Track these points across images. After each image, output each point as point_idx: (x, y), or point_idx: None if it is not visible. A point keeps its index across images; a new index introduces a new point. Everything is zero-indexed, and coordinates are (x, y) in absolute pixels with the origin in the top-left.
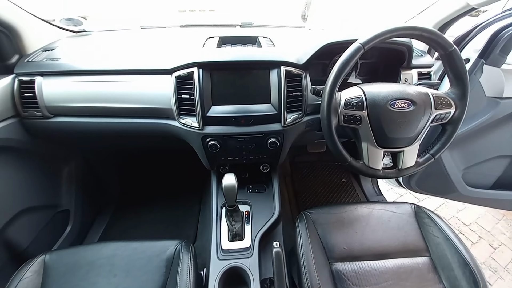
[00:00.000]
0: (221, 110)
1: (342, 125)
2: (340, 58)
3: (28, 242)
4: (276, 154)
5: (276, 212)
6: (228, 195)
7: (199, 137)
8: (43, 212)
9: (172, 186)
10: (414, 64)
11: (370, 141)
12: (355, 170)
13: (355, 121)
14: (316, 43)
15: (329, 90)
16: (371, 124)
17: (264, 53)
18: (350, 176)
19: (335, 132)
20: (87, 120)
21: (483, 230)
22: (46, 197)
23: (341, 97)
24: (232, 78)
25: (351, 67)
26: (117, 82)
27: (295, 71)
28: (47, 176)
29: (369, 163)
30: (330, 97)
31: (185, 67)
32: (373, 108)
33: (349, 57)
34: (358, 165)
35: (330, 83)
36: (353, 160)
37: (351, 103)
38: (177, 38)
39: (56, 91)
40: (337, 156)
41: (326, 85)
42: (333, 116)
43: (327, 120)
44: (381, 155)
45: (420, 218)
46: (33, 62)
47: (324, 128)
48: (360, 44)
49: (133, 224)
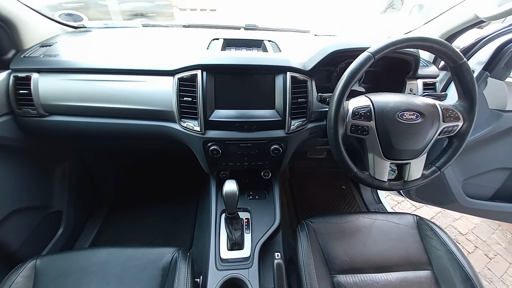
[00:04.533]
0: (224, 115)
1: (349, 134)
2: (349, 67)
3: (19, 243)
4: (278, 160)
5: (276, 220)
6: (228, 202)
7: (200, 142)
8: (35, 213)
9: (169, 188)
10: (419, 74)
11: (376, 152)
12: (360, 181)
13: (362, 131)
14: (323, 49)
15: (337, 99)
16: (379, 135)
17: (270, 58)
18: (350, 183)
19: (341, 142)
20: (84, 120)
21: (479, 239)
22: (38, 197)
23: (349, 106)
24: (236, 82)
25: (360, 76)
26: (117, 81)
27: (300, 77)
28: (40, 175)
29: (374, 174)
30: (338, 106)
31: (188, 69)
32: (381, 118)
33: (358, 66)
34: (364, 176)
35: (339, 91)
36: (358, 171)
37: (359, 113)
38: (180, 38)
39: (52, 89)
40: (342, 166)
41: (334, 94)
42: (340, 126)
43: (334, 129)
44: (387, 167)
45: (422, 230)
46: (30, 57)
47: (330, 137)
48: (370, 53)
49: (127, 227)
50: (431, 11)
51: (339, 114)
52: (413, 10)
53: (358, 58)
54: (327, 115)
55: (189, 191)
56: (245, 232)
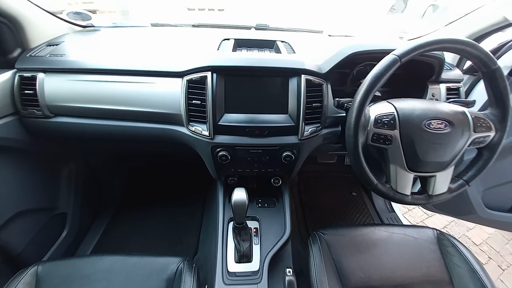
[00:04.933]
0: (234, 119)
1: (370, 144)
2: (373, 71)
3: (23, 246)
4: (289, 167)
5: (287, 231)
6: (237, 212)
7: (208, 146)
8: (39, 215)
9: (175, 190)
10: (442, 78)
11: (399, 163)
12: (380, 194)
13: (385, 140)
14: (341, 51)
15: (358, 105)
16: (403, 145)
17: (283, 59)
18: (361, 189)
19: (361, 152)
20: (90, 122)
21: (493, 250)
22: (43, 199)
23: (370, 113)
24: (247, 85)
25: (385, 81)
26: (123, 83)
27: (316, 81)
28: (46, 177)
29: (396, 187)
30: (359, 113)
31: (198, 70)
32: (406, 127)
33: (383, 69)
34: (385, 190)
35: (361, 97)
36: (379, 184)
37: (382, 121)
38: (189, 38)
39: (58, 90)
40: (361, 178)
41: (355, 99)
42: (360, 134)
43: (354, 138)
44: (411, 180)
45: (443, 246)
46: (36, 57)
47: (350, 147)
48: (396, 56)
49: (132, 230)
50: (446, 12)
51: (360, 121)
52: (427, 11)
53: (382, 61)
54: (347, 123)
55: (195, 193)
56: (253, 243)
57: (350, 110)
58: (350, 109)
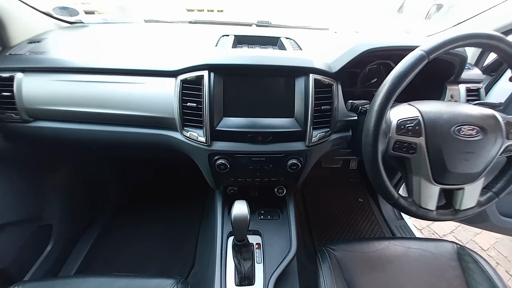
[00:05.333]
0: (234, 124)
1: (391, 153)
2: (397, 69)
3: (5, 262)
4: (295, 176)
5: (293, 247)
6: (238, 228)
7: (205, 154)
8: (23, 227)
9: (171, 197)
10: (462, 79)
11: (424, 175)
12: (402, 209)
13: (409, 149)
14: (353, 48)
15: (379, 108)
16: (429, 154)
17: (290, 57)
18: (367, 195)
19: (381, 162)
20: (73, 127)
21: (501, 255)
22: (27, 210)
23: (391, 118)
24: (249, 86)
25: (410, 81)
26: (111, 83)
27: (325, 81)
28: (29, 186)
29: (420, 201)
30: (380, 118)
31: (193, 69)
32: (432, 134)
33: (409, 67)
34: (407, 204)
35: (382, 99)
36: (401, 198)
37: (406, 127)
38: (185, 35)
39: (37, 91)
40: (380, 191)
41: (375, 101)
42: (380, 142)
43: (373, 147)
44: (437, 193)
45: (465, 262)
46: (15, 55)
47: (367, 156)
48: (423, 52)
49: (124, 242)
50: (452, 11)
51: (380, 127)
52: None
53: (408, 58)
54: (364, 129)
55: (193, 200)
56: (256, 262)
57: (368, 114)
58: (367, 112)
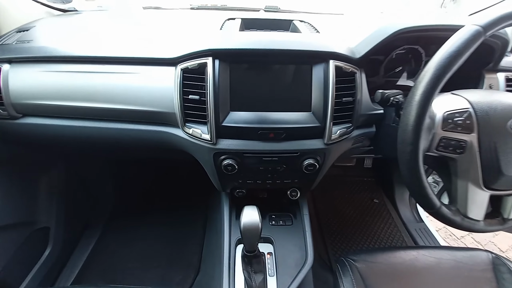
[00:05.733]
0: (242, 118)
1: (434, 152)
2: (446, 48)
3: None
4: (311, 178)
5: (309, 258)
6: (248, 238)
7: (210, 154)
8: (17, 231)
9: (174, 197)
10: (501, 66)
11: (473, 179)
12: (444, 220)
13: (456, 148)
14: (381, 29)
15: (423, 98)
16: (481, 154)
17: (306, 41)
18: (383, 196)
19: (422, 163)
20: (65, 123)
21: None
22: (21, 213)
23: (435, 110)
24: (259, 75)
25: (462, 62)
26: (103, 73)
27: (347, 68)
28: (23, 187)
29: (466, 210)
30: (423, 109)
31: (195, 56)
32: (486, 129)
33: (462, 46)
34: (451, 214)
35: (426, 86)
36: (444, 207)
37: (454, 121)
38: (186, 21)
39: (25, 84)
40: (419, 199)
41: (415, 90)
42: (423, 139)
43: (413, 146)
44: (486, 200)
45: (500, 273)
46: (2, 45)
47: (405, 157)
48: (479, 26)
49: (125, 245)
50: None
51: (423, 122)
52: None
53: (459, 34)
54: (401, 124)
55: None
56: (268, 275)
57: (407, 106)
58: (406, 103)
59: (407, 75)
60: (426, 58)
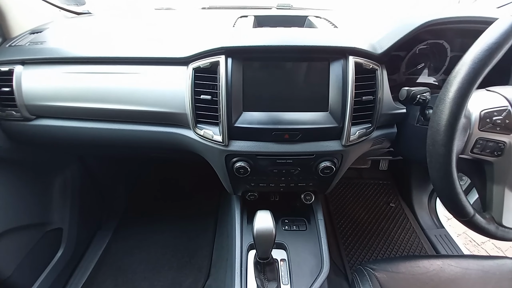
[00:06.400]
0: (256, 119)
1: (469, 155)
2: (484, 40)
3: (12, 268)
4: (326, 182)
5: (325, 266)
6: (261, 245)
7: (221, 156)
8: (30, 232)
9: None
10: None
11: (511, 184)
12: (477, 229)
13: (493, 150)
14: (406, 21)
15: (458, 95)
16: None
17: (323, 35)
18: (400, 200)
19: (455, 168)
20: (77, 125)
21: None
22: (34, 214)
23: (471, 109)
24: (273, 73)
25: (501, 56)
26: (114, 74)
27: (368, 65)
28: (36, 188)
29: (502, 219)
30: (459, 107)
31: (207, 54)
32: None
33: (502, 37)
34: (485, 222)
35: (462, 81)
36: (478, 214)
37: (493, 120)
38: (197, 20)
39: (37, 85)
40: (450, 205)
41: (449, 86)
42: (457, 141)
43: (446, 148)
44: None
45: None
46: (15, 47)
47: (437, 159)
48: None
49: (137, 247)
50: None
51: (458, 121)
52: None
53: (498, 25)
54: (432, 123)
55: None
56: (282, 283)
57: (440, 104)
58: (438, 101)
59: (428, 72)
60: (451, 53)
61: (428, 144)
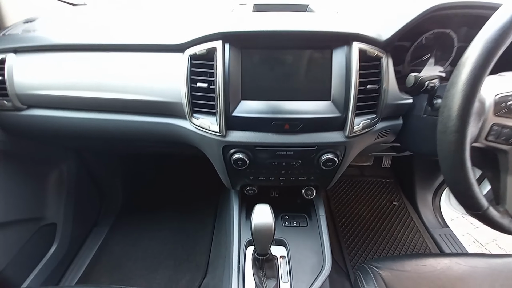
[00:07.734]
0: (255, 108)
1: (481, 144)
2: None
3: (4, 264)
4: (328, 175)
5: (327, 263)
6: (260, 240)
7: (219, 147)
8: (23, 227)
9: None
10: None
11: None
12: (489, 223)
13: (509, 137)
14: (414, 6)
15: (471, 78)
16: None
17: (325, 20)
18: (403, 198)
19: (469, 157)
20: (70, 115)
21: None
22: (29, 208)
23: (485, 94)
24: (273, 60)
25: None
26: (109, 61)
27: (372, 52)
28: (31, 182)
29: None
30: (472, 91)
31: (203, 40)
32: None
33: None
34: (499, 215)
35: (475, 64)
36: (492, 208)
37: (508, 105)
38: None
39: (30, 74)
40: (462, 198)
41: (461, 68)
42: (471, 127)
43: (459, 134)
44: None
45: None
46: (8, 36)
47: (449, 147)
48: None
49: (133, 244)
50: None
51: (472, 106)
52: None
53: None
54: (443, 108)
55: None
56: (281, 281)
57: (451, 89)
58: (449, 86)
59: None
60: (458, 44)
61: (438, 132)
